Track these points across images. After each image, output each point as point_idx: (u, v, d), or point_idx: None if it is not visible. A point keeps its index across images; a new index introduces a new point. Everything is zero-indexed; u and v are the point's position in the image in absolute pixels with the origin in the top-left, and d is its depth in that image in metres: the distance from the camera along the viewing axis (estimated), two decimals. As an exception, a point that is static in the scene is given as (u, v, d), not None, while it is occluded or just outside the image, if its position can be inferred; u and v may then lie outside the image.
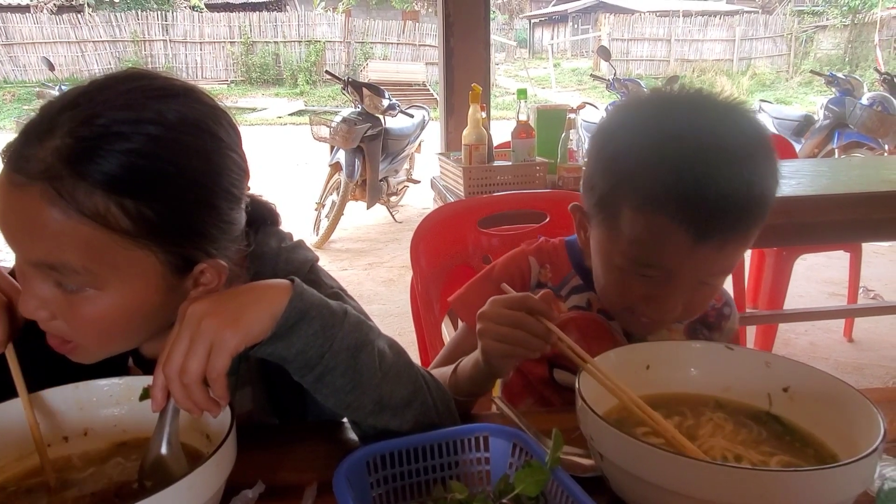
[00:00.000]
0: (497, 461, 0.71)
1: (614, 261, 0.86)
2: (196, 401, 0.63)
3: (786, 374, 0.77)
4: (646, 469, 0.60)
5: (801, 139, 5.30)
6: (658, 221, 0.79)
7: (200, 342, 0.61)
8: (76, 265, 0.64)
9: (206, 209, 0.69)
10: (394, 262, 4.63)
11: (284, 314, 0.65)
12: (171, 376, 0.62)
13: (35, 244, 0.64)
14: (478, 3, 3.14)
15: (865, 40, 17.47)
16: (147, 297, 0.69)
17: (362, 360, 0.70)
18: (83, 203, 0.62)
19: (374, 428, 0.74)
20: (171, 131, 0.65)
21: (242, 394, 0.89)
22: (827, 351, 3.15)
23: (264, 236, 0.87)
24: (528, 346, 0.77)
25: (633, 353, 0.78)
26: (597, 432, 0.65)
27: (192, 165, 0.67)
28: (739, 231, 0.79)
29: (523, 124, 2.25)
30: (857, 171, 2.61)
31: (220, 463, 0.61)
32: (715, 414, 0.76)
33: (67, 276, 0.65)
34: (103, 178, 0.62)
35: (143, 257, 0.67)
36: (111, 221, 0.63)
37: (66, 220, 0.62)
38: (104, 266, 0.65)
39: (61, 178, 0.61)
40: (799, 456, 0.70)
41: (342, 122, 4.89)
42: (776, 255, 2.70)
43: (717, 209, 0.76)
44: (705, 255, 0.79)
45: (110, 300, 0.67)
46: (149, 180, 0.64)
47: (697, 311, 0.92)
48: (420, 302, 1.42)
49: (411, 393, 0.75)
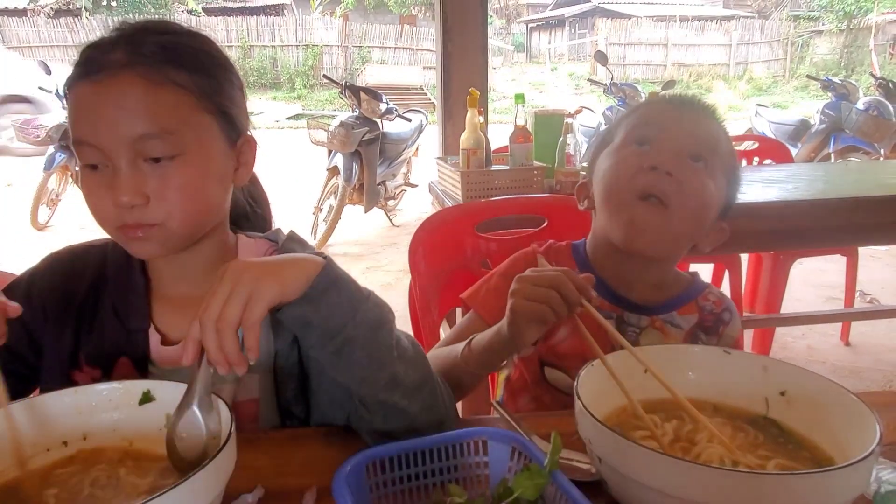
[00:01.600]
0: (496, 465, 0.71)
1: (617, 153, 1.02)
2: (227, 350, 0.65)
3: (783, 379, 0.77)
4: (644, 473, 0.60)
5: (798, 144, 5.32)
6: (646, 107, 1.09)
7: (241, 290, 0.65)
8: (171, 126, 0.79)
9: (237, 90, 0.89)
10: (391, 267, 4.63)
11: (318, 277, 0.70)
12: (207, 324, 0.64)
13: (138, 119, 0.78)
14: (475, 8, 3.15)
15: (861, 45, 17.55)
16: (216, 160, 0.85)
17: (381, 337, 0.74)
18: (170, 76, 0.80)
19: (384, 405, 0.76)
20: (195, 33, 0.87)
21: (251, 378, 0.90)
22: (824, 354, 3.16)
23: (290, 242, 0.96)
24: (557, 308, 0.81)
25: (632, 357, 0.78)
26: (595, 436, 0.66)
27: (223, 59, 0.89)
28: (710, 118, 1.03)
29: (521, 129, 2.25)
30: (853, 175, 2.62)
31: (219, 467, 0.61)
32: (712, 418, 0.76)
33: (164, 141, 0.79)
34: (177, 60, 0.81)
35: (209, 121, 0.84)
36: (187, 87, 0.81)
37: (162, 90, 0.79)
38: (188, 126, 0.81)
39: (152, 63, 0.79)
40: (796, 459, 0.71)
41: (340, 125, 4.90)
42: (773, 259, 2.71)
43: (690, 99, 1.07)
44: (686, 117, 1.02)
45: (192, 163, 0.81)
46: (203, 62, 0.84)
47: (691, 193, 0.97)
48: (418, 306, 1.42)
49: (423, 377, 0.78)
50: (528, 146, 2.24)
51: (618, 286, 1.06)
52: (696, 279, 1.11)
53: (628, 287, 1.06)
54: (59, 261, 0.94)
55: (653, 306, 1.05)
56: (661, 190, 0.94)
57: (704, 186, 0.97)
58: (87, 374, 0.88)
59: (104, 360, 0.88)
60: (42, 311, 0.90)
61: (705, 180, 0.97)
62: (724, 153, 1.02)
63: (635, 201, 0.96)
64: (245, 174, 0.91)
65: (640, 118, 1.04)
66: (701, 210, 0.98)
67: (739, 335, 1.09)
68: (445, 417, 0.80)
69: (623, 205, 0.97)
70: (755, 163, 3.33)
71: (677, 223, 0.96)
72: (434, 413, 0.79)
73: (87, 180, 0.82)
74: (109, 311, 0.90)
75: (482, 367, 0.93)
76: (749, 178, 2.49)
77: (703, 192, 0.97)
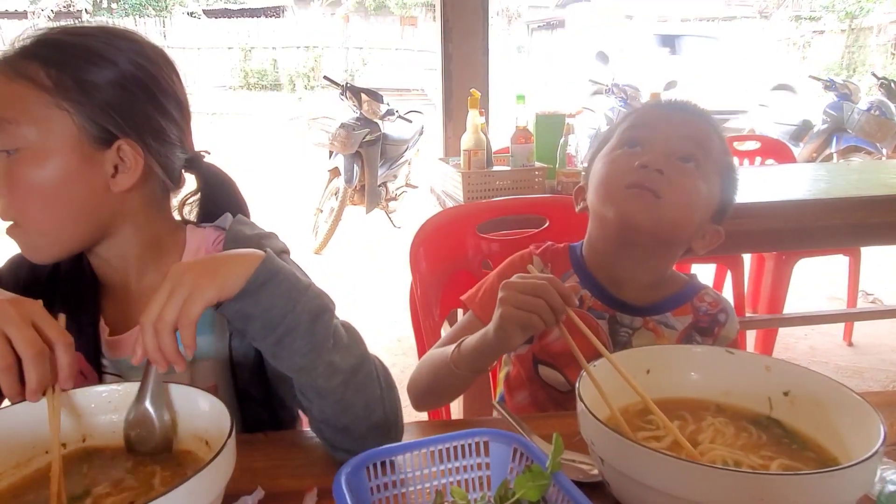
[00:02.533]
0: (497, 466, 0.70)
1: (610, 154, 1.03)
2: (164, 348, 0.67)
3: (786, 378, 0.77)
4: (647, 473, 0.60)
5: (800, 143, 5.31)
6: (640, 111, 1.09)
7: (179, 292, 0.68)
8: (10, 117, 0.79)
9: (122, 91, 0.84)
10: (393, 268, 4.63)
11: (256, 272, 0.72)
12: (146, 325, 0.67)
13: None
14: (476, 9, 3.14)
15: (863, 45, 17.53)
16: (67, 159, 0.82)
17: (319, 326, 0.75)
18: (25, 71, 0.80)
19: (321, 394, 0.77)
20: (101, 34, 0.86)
21: (204, 365, 0.93)
22: (827, 355, 3.15)
23: (238, 224, 0.97)
24: (544, 316, 0.83)
25: (634, 358, 0.78)
26: (597, 437, 0.65)
27: (110, 55, 0.84)
28: (701, 120, 1.04)
29: (522, 129, 2.25)
30: (855, 175, 2.62)
31: (219, 469, 0.61)
32: (716, 418, 0.76)
33: (2, 131, 0.79)
34: (43, 57, 0.81)
35: (60, 116, 0.81)
36: (40, 84, 0.80)
37: (12, 84, 0.80)
38: (32, 120, 0.80)
39: (14, 58, 0.81)
40: (799, 460, 0.70)
41: (341, 127, 4.89)
42: (776, 259, 2.70)
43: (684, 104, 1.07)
44: (678, 119, 1.03)
45: (35, 159, 0.80)
46: (81, 62, 0.82)
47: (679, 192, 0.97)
48: (419, 307, 1.42)
49: (358, 362, 0.79)
50: (529, 147, 2.24)
51: (612, 287, 1.06)
52: (693, 280, 1.11)
53: (622, 287, 1.06)
54: (21, 258, 0.95)
55: (646, 307, 1.05)
56: (652, 183, 0.96)
57: (695, 185, 0.98)
58: None
59: None
60: None
61: (696, 180, 0.98)
62: (717, 153, 1.02)
63: (627, 191, 0.97)
64: (125, 182, 0.86)
65: (633, 121, 1.06)
66: (692, 206, 0.99)
67: (737, 337, 1.09)
68: (380, 400, 0.80)
69: (615, 194, 0.99)
70: (757, 163, 3.33)
71: (669, 209, 0.96)
72: (369, 393, 0.79)
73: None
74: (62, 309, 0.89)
75: (470, 369, 0.95)
76: (751, 178, 2.48)
77: (694, 190, 0.98)
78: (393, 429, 0.82)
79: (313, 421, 0.82)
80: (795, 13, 20.15)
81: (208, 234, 0.99)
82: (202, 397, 0.72)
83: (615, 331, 1.05)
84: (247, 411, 0.95)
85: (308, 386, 0.77)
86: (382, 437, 0.79)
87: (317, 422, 0.81)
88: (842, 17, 18.04)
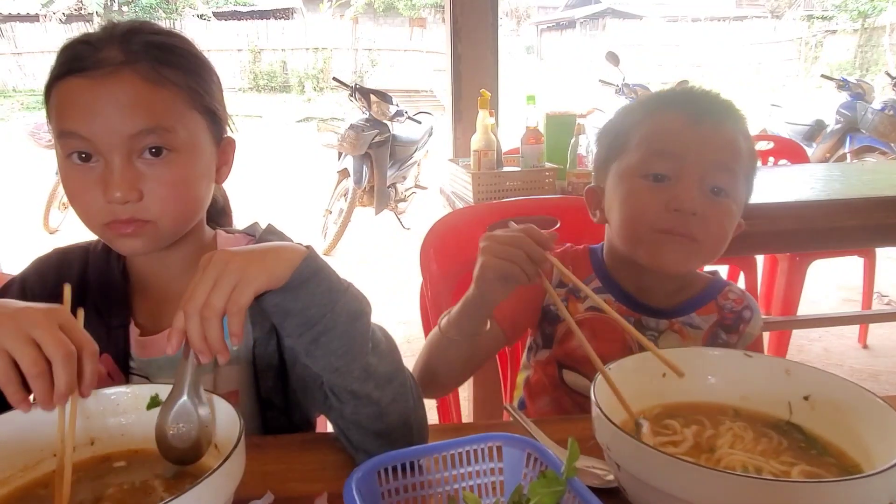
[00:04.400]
0: (511, 472, 0.69)
1: (632, 183, 0.96)
2: (211, 338, 0.65)
3: (806, 382, 0.75)
4: (665, 480, 0.59)
5: (813, 144, 5.26)
6: (660, 117, 0.98)
7: (227, 278, 0.65)
8: (167, 124, 0.81)
9: (220, 91, 0.91)
10: (402, 269, 4.62)
11: (300, 266, 0.70)
12: (191, 312, 0.65)
13: (136, 116, 0.79)
14: (486, 9, 3.13)
15: (876, 45, 17.38)
16: (204, 158, 0.87)
17: (358, 328, 0.74)
18: (165, 74, 0.82)
19: (356, 395, 0.76)
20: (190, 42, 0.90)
21: (227, 370, 0.91)
22: (841, 357, 3.11)
23: (268, 234, 0.96)
24: (524, 266, 0.83)
25: (650, 361, 0.76)
26: (614, 442, 0.64)
27: (206, 60, 0.91)
28: (727, 120, 0.96)
29: (532, 130, 2.23)
30: (868, 175, 2.58)
31: (229, 473, 0.60)
32: (734, 423, 0.74)
33: (160, 137, 0.80)
34: (170, 59, 0.83)
35: (199, 120, 0.86)
36: (181, 86, 0.83)
37: (159, 88, 0.81)
38: (181, 124, 0.83)
39: (148, 62, 0.81)
40: (820, 466, 0.68)
41: (350, 128, 4.90)
42: (789, 260, 2.67)
43: (703, 100, 0.98)
44: (705, 133, 0.94)
45: (184, 161, 0.83)
46: (192, 62, 0.87)
47: (717, 232, 0.94)
48: (430, 308, 1.41)
49: (395, 370, 0.78)
50: (539, 147, 2.22)
51: (636, 292, 1.05)
52: (715, 278, 1.09)
53: (647, 293, 1.04)
54: (47, 261, 0.96)
55: (671, 309, 1.04)
56: (687, 230, 0.93)
57: (729, 215, 0.96)
58: None
59: None
60: None
61: (730, 209, 0.95)
62: (746, 160, 0.97)
63: (660, 235, 0.94)
64: (226, 173, 0.94)
65: (654, 139, 0.96)
66: (727, 236, 0.97)
67: (761, 334, 1.07)
68: (412, 410, 0.80)
69: (645, 236, 0.96)
70: (770, 163, 3.29)
71: (705, 250, 0.95)
72: (402, 404, 0.79)
73: (74, 174, 0.81)
74: (92, 311, 0.90)
75: (460, 332, 0.95)
76: (765, 178, 2.45)
77: (728, 220, 0.96)
78: (421, 438, 0.81)
79: (342, 421, 0.80)
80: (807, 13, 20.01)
81: (238, 240, 0.99)
82: (214, 400, 0.71)
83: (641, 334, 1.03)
84: (269, 419, 0.94)
85: (342, 388, 0.76)
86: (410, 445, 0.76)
87: (346, 422, 0.79)
88: (854, 16, 17.90)
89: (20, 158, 8.54)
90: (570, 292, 1.07)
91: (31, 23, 15.48)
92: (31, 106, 13.63)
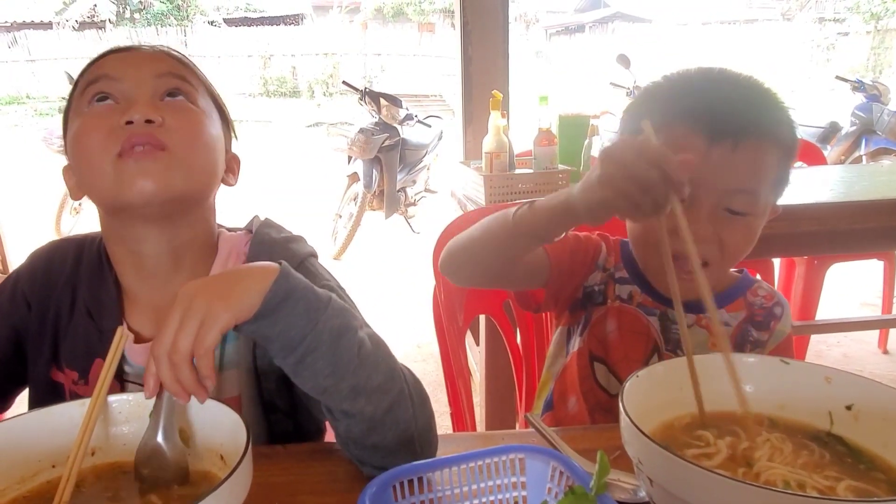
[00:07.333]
0: (534, 486, 0.65)
1: None
2: (184, 381, 0.63)
3: (849, 391, 0.70)
4: (704, 497, 0.54)
5: (827, 146, 5.19)
6: (674, 132, 0.87)
7: (191, 319, 0.63)
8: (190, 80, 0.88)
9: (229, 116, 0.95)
10: (412, 273, 4.59)
11: (272, 290, 0.67)
12: (160, 356, 0.63)
13: (164, 63, 0.87)
14: (496, 12, 3.10)
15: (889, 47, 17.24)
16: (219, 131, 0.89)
17: (343, 345, 0.70)
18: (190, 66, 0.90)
19: (348, 414, 0.72)
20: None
21: (228, 375, 0.88)
22: (861, 363, 3.05)
23: (265, 227, 0.95)
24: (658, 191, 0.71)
25: (681, 367, 0.72)
26: (645, 455, 0.59)
27: None
28: (750, 135, 0.86)
29: (545, 131, 2.19)
30: (886, 176, 2.52)
31: (235, 486, 0.56)
32: (772, 434, 0.70)
33: (183, 84, 0.86)
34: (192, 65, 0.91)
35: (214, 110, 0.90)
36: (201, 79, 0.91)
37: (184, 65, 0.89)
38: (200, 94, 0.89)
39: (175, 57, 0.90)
40: (867, 481, 0.63)
41: (359, 132, 4.88)
42: (807, 264, 2.61)
43: (724, 112, 0.86)
44: (721, 157, 0.85)
45: (203, 116, 0.86)
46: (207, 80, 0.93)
47: (734, 251, 0.90)
48: (444, 312, 1.37)
49: (387, 379, 0.74)
50: (552, 149, 2.18)
51: (663, 286, 1.01)
52: (743, 274, 1.06)
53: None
54: (39, 255, 0.94)
55: (699, 303, 0.99)
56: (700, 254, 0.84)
57: (747, 233, 0.90)
58: (68, 376, 0.87)
59: (80, 362, 0.87)
60: (26, 305, 0.90)
61: (749, 226, 0.90)
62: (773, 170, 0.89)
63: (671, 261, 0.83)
64: (231, 181, 0.95)
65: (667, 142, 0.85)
66: (746, 249, 0.92)
67: (790, 332, 1.03)
68: (412, 419, 0.74)
69: (654, 263, 0.93)
70: (786, 165, 3.24)
71: (722, 269, 0.92)
72: (399, 413, 0.73)
73: (90, 114, 0.82)
74: (83, 313, 0.88)
75: (532, 231, 0.85)
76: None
77: (746, 237, 0.91)
78: (425, 445, 0.76)
79: (338, 438, 0.77)
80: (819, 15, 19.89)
81: (239, 240, 0.95)
82: (219, 409, 0.67)
83: (666, 328, 1.01)
84: (273, 423, 0.91)
85: (333, 407, 0.73)
86: (414, 455, 0.73)
87: (342, 439, 0.76)
88: (867, 18, 17.78)
89: (33, 164, 8.59)
90: (609, 276, 1.05)
91: (44, 30, 15.63)
92: (44, 112, 13.74)
